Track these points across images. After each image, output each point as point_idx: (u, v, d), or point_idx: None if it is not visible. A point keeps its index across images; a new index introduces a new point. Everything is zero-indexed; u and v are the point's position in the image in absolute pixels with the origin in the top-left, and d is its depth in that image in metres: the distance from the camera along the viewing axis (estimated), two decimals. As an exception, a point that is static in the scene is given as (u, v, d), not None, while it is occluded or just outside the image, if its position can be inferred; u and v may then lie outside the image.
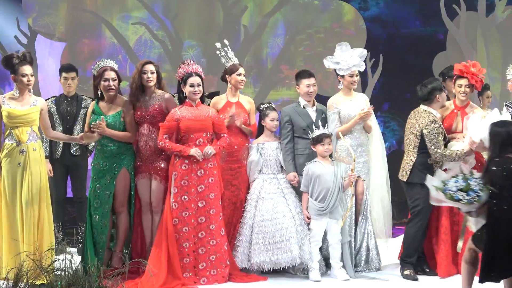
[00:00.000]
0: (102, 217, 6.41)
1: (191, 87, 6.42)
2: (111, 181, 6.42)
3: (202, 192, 6.38)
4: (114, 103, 6.50)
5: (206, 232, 6.36)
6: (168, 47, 10.57)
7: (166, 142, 6.36)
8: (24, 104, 6.42)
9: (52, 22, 10.45)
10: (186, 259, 6.30)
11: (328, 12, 10.84)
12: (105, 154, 6.44)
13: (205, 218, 6.37)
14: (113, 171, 6.43)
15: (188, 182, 6.35)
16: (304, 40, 10.80)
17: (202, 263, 6.34)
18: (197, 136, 6.39)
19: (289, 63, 10.61)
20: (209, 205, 6.39)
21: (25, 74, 6.38)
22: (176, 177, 6.35)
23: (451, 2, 10.62)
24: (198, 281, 6.28)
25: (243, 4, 10.65)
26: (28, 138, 6.36)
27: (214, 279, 6.32)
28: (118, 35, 10.50)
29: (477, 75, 6.64)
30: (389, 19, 11.02)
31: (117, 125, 6.44)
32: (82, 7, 10.47)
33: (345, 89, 6.84)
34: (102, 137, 6.40)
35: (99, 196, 6.42)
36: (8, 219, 6.28)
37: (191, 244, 6.33)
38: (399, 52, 10.78)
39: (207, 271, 6.33)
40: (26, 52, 6.51)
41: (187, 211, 6.33)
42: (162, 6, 10.64)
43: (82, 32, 10.53)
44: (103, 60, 6.58)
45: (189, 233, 6.32)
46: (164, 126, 6.38)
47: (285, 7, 10.74)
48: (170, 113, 6.45)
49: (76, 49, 10.32)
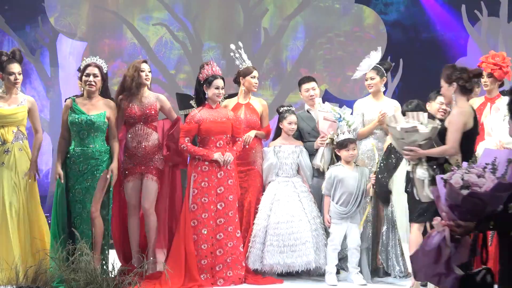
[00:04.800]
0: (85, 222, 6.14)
1: (216, 89, 6.39)
2: (92, 184, 6.17)
3: (222, 194, 6.38)
4: (96, 103, 6.26)
5: (224, 234, 6.36)
6: (188, 48, 10.60)
7: (188, 145, 6.34)
8: (11, 103, 6.33)
9: (73, 22, 10.50)
10: (204, 260, 6.31)
11: (348, 16, 10.81)
12: (85, 156, 6.18)
13: (223, 220, 6.37)
14: (94, 173, 6.18)
15: (208, 183, 6.35)
16: (324, 43, 10.78)
17: (219, 264, 6.34)
18: (218, 139, 6.39)
19: (309, 66, 10.59)
20: (228, 207, 6.39)
21: (12, 73, 6.28)
22: (196, 179, 6.35)
23: (472, 8, 10.57)
24: (215, 282, 6.28)
25: (263, 6, 10.66)
26: (14, 138, 6.30)
27: (231, 281, 6.33)
28: (138, 35, 10.54)
29: (496, 64, 6.63)
30: (409, 23, 10.98)
31: (101, 125, 6.21)
32: (104, 7, 10.52)
33: (373, 92, 6.86)
34: (82, 139, 6.19)
35: (81, 201, 6.17)
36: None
37: (209, 246, 6.33)
38: (419, 57, 10.73)
39: (224, 273, 6.33)
40: (16, 50, 6.42)
41: (206, 212, 6.33)
42: (182, 7, 10.67)
43: (103, 32, 10.58)
44: (91, 57, 6.39)
45: (208, 235, 6.33)
46: (185, 129, 6.36)
47: (306, 10, 10.72)
48: (190, 115, 6.45)
49: (97, 49, 10.34)
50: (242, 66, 6.88)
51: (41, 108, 9.99)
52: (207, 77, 6.40)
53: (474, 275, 3.51)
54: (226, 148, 6.42)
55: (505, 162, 3.46)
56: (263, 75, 8.69)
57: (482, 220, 3.46)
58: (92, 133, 6.21)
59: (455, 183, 3.49)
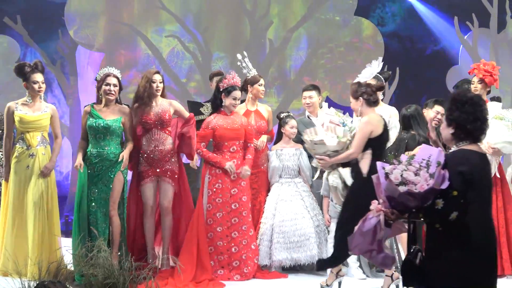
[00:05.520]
0: (101, 221, 6.18)
1: (233, 100, 6.37)
2: (107, 185, 6.22)
3: (235, 194, 6.38)
4: (113, 110, 6.32)
5: (239, 232, 6.36)
6: (199, 59, 10.62)
7: (203, 151, 6.35)
8: (36, 110, 6.37)
9: (91, 34, 10.54)
10: (221, 256, 6.32)
11: (348, 28, 10.82)
12: (101, 158, 6.23)
13: (238, 219, 6.37)
14: (109, 174, 6.22)
15: (222, 185, 6.35)
16: (325, 53, 10.79)
17: (235, 261, 6.33)
18: (231, 144, 6.39)
19: (311, 75, 10.60)
20: (241, 207, 6.39)
21: (36, 82, 6.33)
22: (210, 180, 6.35)
23: (464, 19, 10.56)
24: (232, 277, 6.29)
25: (268, 19, 10.67)
26: (38, 143, 6.35)
27: (246, 276, 6.34)
28: (152, 46, 10.56)
29: (487, 71, 6.68)
30: (405, 34, 10.98)
31: (116, 129, 6.26)
32: (120, 20, 10.56)
33: None
34: (98, 141, 6.24)
35: (96, 200, 6.21)
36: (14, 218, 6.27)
37: (225, 243, 6.33)
38: (415, 66, 10.73)
39: (241, 269, 6.33)
40: (38, 61, 6.46)
41: (221, 212, 6.33)
42: (193, 20, 10.69)
43: (119, 43, 10.61)
44: (108, 68, 6.44)
45: (223, 233, 6.33)
46: (200, 135, 6.35)
47: (308, 22, 10.74)
48: (206, 121, 6.44)
49: (113, 59, 10.39)
50: (249, 74, 6.89)
51: (61, 114, 10.02)
52: (227, 86, 6.36)
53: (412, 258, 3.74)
54: (239, 153, 6.42)
55: (435, 164, 3.63)
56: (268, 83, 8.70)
57: (412, 212, 3.68)
58: (107, 136, 6.25)
59: (395, 179, 3.65)
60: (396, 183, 3.63)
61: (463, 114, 3.71)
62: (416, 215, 3.70)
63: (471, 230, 3.61)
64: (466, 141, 3.75)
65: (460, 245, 3.62)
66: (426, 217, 3.69)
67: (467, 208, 3.60)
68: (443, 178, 3.59)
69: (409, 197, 3.61)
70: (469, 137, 3.74)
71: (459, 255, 3.62)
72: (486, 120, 3.75)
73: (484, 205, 3.70)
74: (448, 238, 3.64)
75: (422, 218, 3.72)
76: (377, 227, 3.75)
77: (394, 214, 3.71)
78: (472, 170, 3.63)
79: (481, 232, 3.65)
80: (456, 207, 3.58)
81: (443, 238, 3.66)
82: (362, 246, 3.84)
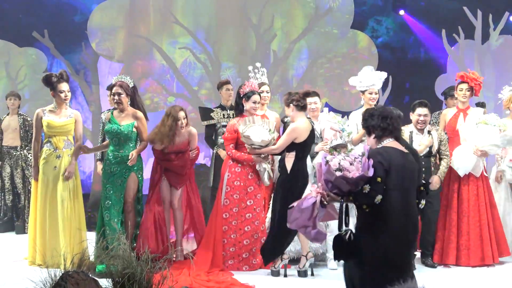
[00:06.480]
0: (114, 216, 6.22)
1: (253, 103, 6.36)
2: (122, 184, 6.27)
3: (251, 192, 6.37)
4: (127, 115, 6.34)
5: (251, 226, 6.36)
6: (209, 68, 10.65)
7: (233, 152, 6.33)
8: (62, 117, 6.42)
9: (111, 46, 10.59)
10: (232, 248, 6.33)
11: (345, 40, 10.83)
12: (117, 159, 6.27)
13: (251, 215, 6.36)
14: (124, 175, 6.27)
15: (240, 182, 6.35)
16: (324, 63, 10.80)
17: (245, 253, 6.34)
18: None
19: (312, 83, 10.61)
20: (256, 203, 6.38)
21: (62, 91, 6.38)
22: (229, 178, 6.35)
23: (451, 32, 10.57)
24: (241, 268, 6.30)
25: (273, 32, 10.69)
26: (64, 146, 6.39)
27: (253, 267, 6.35)
28: (167, 57, 10.60)
29: (476, 80, 6.69)
30: (397, 45, 10.99)
31: (129, 134, 6.29)
32: (137, 33, 10.60)
33: (366, 104, 6.74)
34: (115, 145, 6.30)
35: (110, 198, 6.25)
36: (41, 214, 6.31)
37: (238, 236, 6.33)
38: (406, 74, 10.73)
39: (250, 260, 6.34)
40: (63, 71, 6.49)
41: (237, 207, 6.33)
42: (204, 33, 10.72)
43: (136, 54, 10.65)
44: (118, 76, 6.48)
45: (237, 226, 6.34)
46: (228, 139, 6.35)
47: (309, 35, 10.76)
48: (230, 124, 6.43)
49: (131, 69, 10.42)
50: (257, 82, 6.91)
51: (84, 119, 10.04)
52: (247, 92, 6.36)
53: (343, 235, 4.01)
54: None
55: (361, 154, 3.93)
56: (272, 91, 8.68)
57: (345, 195, 3.94)
58: (122, 140, 6.30)
59: (333, 165, 3.91)
60: (334, 169, 3.90)
61: (373, 120, 4.14)
62: (347, 198, 3.96)
63: (391, 213, 3.94)
64: (386, 140, 4.11)
65: (382, 224, 3.95)
66: (356, 200, 3.97)
67: (389, 193, 3.92)
68: (368, 166, 3.88)
69: (343, 181, 3.88)
70: (386, 136, 4.10)
71: (381, 232, 3.95)
72: (392, 118, 4.11)
73: (404, 194, 3.99)
74: (373, 217, 3.96)
75: (352, 201, 3.99)
76: (314, 206, 3.99)
77: (329, 197, 3.97)
78: (389, 161, 3.94)
79: (400, 215, 3.96)
80: (379, 191, 3.89)
81: (369, 217, 3.97)
82: (299, 221, 4.06)
